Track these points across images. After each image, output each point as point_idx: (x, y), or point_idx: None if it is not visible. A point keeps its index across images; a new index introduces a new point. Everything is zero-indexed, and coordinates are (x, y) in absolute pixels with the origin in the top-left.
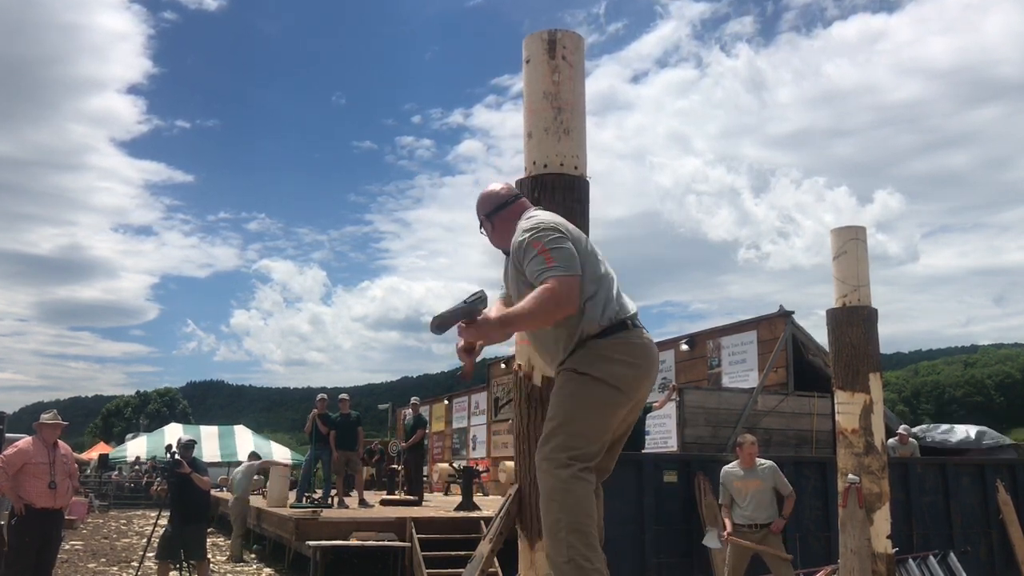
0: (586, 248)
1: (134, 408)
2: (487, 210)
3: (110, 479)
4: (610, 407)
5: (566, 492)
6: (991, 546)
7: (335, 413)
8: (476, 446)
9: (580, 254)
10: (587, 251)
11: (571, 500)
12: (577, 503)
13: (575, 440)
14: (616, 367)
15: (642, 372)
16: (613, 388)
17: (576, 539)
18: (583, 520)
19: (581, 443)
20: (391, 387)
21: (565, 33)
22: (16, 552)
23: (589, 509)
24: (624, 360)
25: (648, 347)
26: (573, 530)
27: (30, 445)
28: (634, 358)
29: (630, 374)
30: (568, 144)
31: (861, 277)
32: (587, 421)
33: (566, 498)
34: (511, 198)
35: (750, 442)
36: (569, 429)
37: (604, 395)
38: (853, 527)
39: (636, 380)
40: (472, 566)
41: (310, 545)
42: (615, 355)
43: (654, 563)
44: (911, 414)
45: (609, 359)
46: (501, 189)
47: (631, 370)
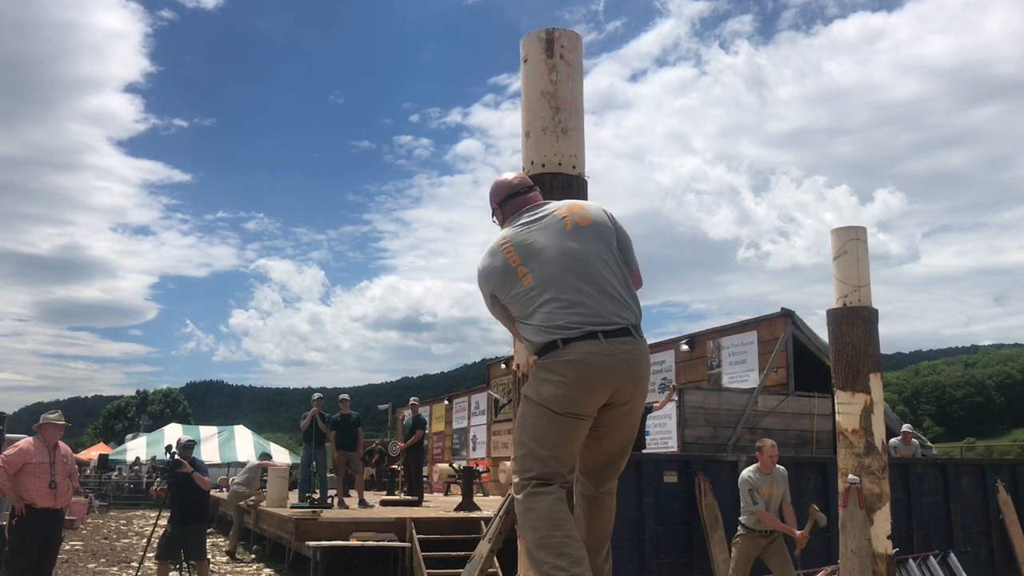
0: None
1: (135, 408)
2: (498, 199)
3: (110, 479)
4: (551, 427)
5: (527, 512)
6: (991, 546)
7: (334, 413)
8: (476, 446)
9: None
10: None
11: (532, 518)
12: (538, 519)
13: (525, 462)
14: (543, 387)
15: (574, 387)
16: (542, 407)
17: (544, 554)
18: (548, 532)
19: (531, 464)
20: (391, 387)
21: (563, 32)
22: (16, 552)
23: (553, 519)
24: (549, 379)
25: (580, 361)
26: (540, 546)
27: (31, 445)
28: (562, 375)
29: (558, 392)
30: (566, 144)
31: (861, 277)
32: (533, 443)
33: (527, 518)
34: (522, 189)
35: (770, 446)
36: (519, 452)
37: (538, 415)
38: (853, 527)
39: (567, 396)
40: (472, 566)
41: (310, 545)
42: (544, 375)
43: (654, 563)
44: (911, 414)
45: (540, 379)
46: (513, 180)
47: (558, 388)
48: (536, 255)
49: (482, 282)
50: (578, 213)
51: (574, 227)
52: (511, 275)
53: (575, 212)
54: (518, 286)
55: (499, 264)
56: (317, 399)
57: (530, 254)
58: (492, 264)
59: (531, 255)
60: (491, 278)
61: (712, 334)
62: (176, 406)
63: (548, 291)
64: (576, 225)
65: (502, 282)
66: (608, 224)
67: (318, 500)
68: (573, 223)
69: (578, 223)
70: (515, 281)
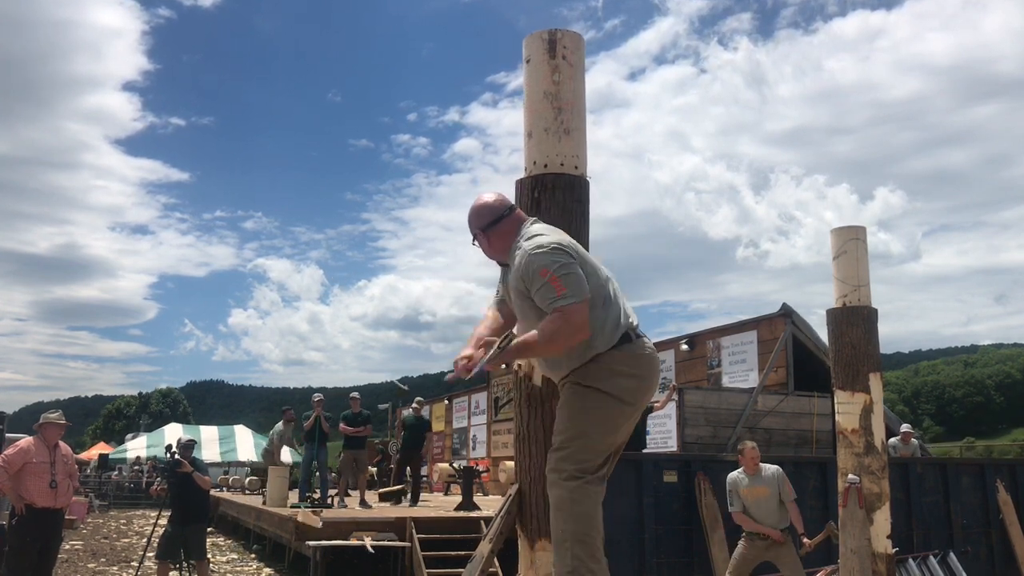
0: (590, 261)
1: (135, 408)
2: (482, 224)
3: (110, 479)
4: (617, 419)
5: (573, 503)
6: (991, 546)
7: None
8: (476, 446)
9: (585, 273)
10: (590, 265)
11: (577, 511)
12: (583, 514)
13: (583, 453)
14: (622, 380)
15: (646, 383)
16: (619, 400)
17: (580, 550)
18: (588, 531)
19: (589, 455)
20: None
21: (565, 33)
22: (17, 552)
23: (595, 521)
24: (629, 372)
25: (651, 358)
26: (577, 541)
27: (31, 445)
28: (639, 369)
29: (634, 385)
30: (568, 144)
31: (861, 277)
32: (596, 434)
33: (573, 509)
34: (505, 210)
35: (751, 448)
36: (579, 443)
37: (611, 408)
38: (853, 527)
39: (640, 391)
40: (472, 566)
41: (310, 545)
42: (621, 368)
43: (654, 563)
44: (911, 414)
45: (616, 372)
46: (494, 202)
47: (635, 382)
48: (581, 253)
49: (564, 252)
50: None
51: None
52: (580, 251)
53: None
54: (590, 271)
55: (572, 243)
56: (318, 400)
57: (579, 252)
58: (565, 240)
59: (581, 253)
60: (574, 246)
61: (712, 334)
62: (176, 406)
63: (610, 287)
64: None
65: (581, 253)
66: None
67: (318, 500)
68: None
69: None
70: (585, 254)
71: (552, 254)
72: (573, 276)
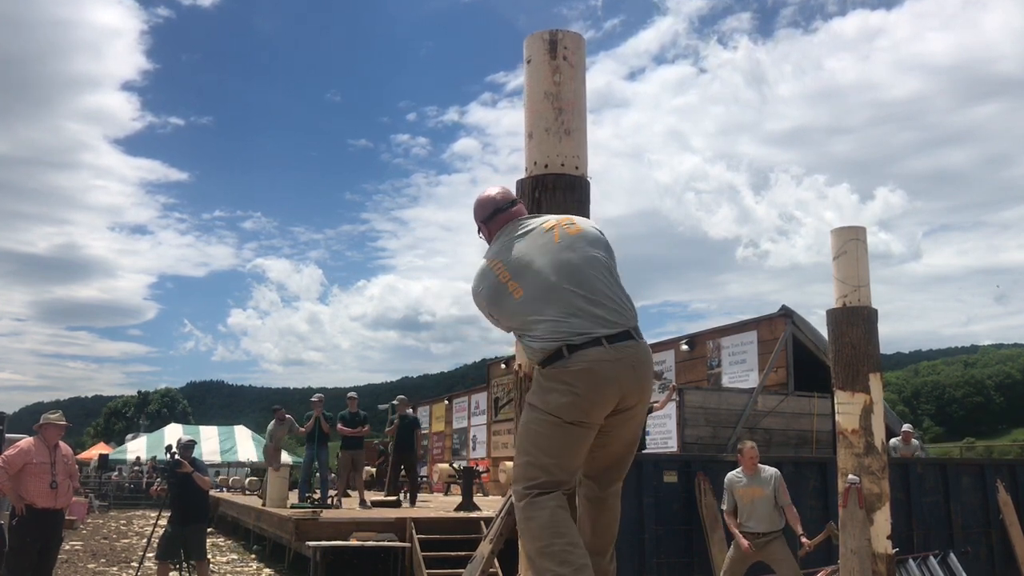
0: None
1: (135, 407)
2: (483, 216)
3: (110, 479)
4: (557, 435)
5: (528, 521)
6: (991, 546)
7: (341, 411)
8: (476, 446)
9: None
10: (513, 286)
11: (534, 527)
12: (539, 528)
13: (528, 471)
14: (551, 396)
15: (584, 397)
16: (551, 416)
17: (546, 562)
18: (549, 540)
19: (535, 472)
20: (391, 387)
21: (566, 33)
22: (17, 552)
23: (555, 527)
24: (558, 388)
25: (587, 371)
26: (542, 555)
27: (31, 445)
28: (571, 384)
29: (566, 401)
30: (569, 144)
31: (861, 277)
32: (537, 451)
33: (529, 527)
34: (506, 204)
35: (750, 447)
36: (521, 460)
37: (545, 424)
38: (853, 527)
39: (576, 406)
40: (473, 566)
41: (310, 545)
42: (552, 384)
43: (654, 563)
44: (911, 414)
45: (547, 388)
46: (496, 195)
47: (567, 397)
48: (526, 268)
49: (477, 303)
50: (566, 224)
51: (563, 237)
52: (502, 291)
53: (563, 223)
54: (509, 301)
55: (490, 282)
56: (317, 400)
57: (520, 268)
58: (482, 284)
59: (521, 269)
60: (482, 297)
61: (712, 334)
62: (176, 406)
63: (544, 302)
64: (564, 235)
65: (495, 300)
66: (598, 235)
67: (318, 500)
68: (562, 233)
69: (567, 233)
70: (506, 296)
71: (475, 279)
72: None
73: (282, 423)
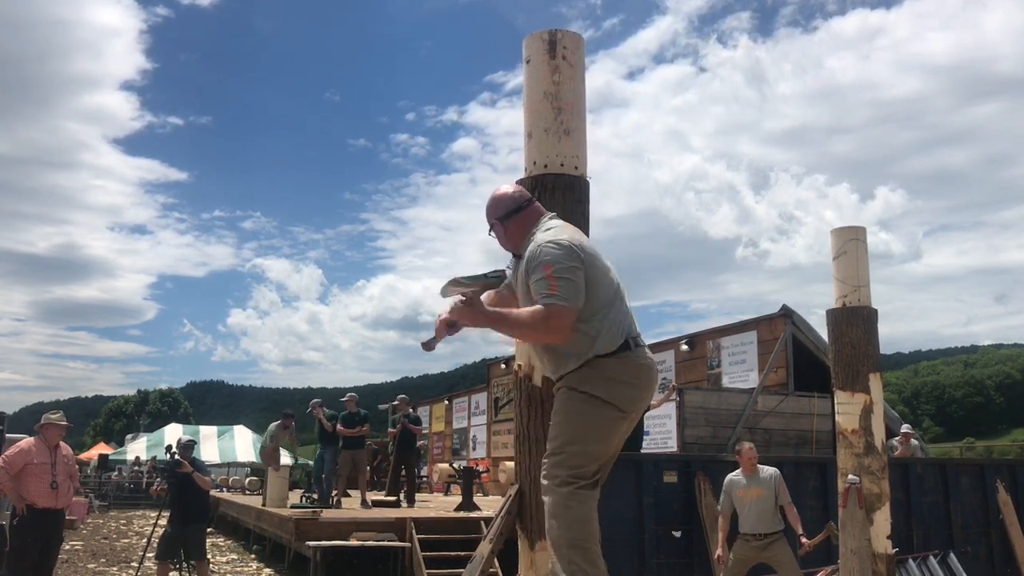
0: (602, 265)
1: (135, 407)
2: (499, 214)
3: (110, 479)
4: (612, 427)
5: (566, 509)
6: (991, 546)
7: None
8: (476, 446)
9: (593, 278)
10: (602, 268)
11: (571, 517)
12: (576, 520)
13: (577, 459)
14: (619, 388)
15: (643, 393)
16: (615, 408)
17: (576, 555)
18: (583, 536)
19: (583, 462)
20: (391, 387)
21: (566, 33)
22: (18, 552)
23: (590, 525)
24: (627, 381)
25: (650, 368)
26: (573, 546)
27: (32, 445)
28: (637, 379)
29: (632, 395)
30: (568, 144)
31: (861, 277)
32: (590, 441)
33: (566, 515)
34: (524, 202)
35: (748, 448)
36: (572, 449)
37: (607, 415)
38: (853, 527)
39: (636, 400)
40: (473, 566)
41: (310, 545)
42: (620, 376)
43: (654, 563)
44: (911, 414)
45: (614, 379)
46: (515, 193)
47: (633, 391)
48: (595, 259)
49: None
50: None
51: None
52: (596, 255)
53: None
54: (600, 275)
55: (587, 246)
56: (316, 404)
57: (591, 258)
58: (581, 242)
59: (591, 259)
60: (586, 248)
61: (712, 334)
62: (176, 406)
63: (617, 294)
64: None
65: (593, 257)
66: None
67: (318, 500)
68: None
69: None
70: (600, 258)
71: (562, 253)
72: (572, 283)
73: (286, 430)
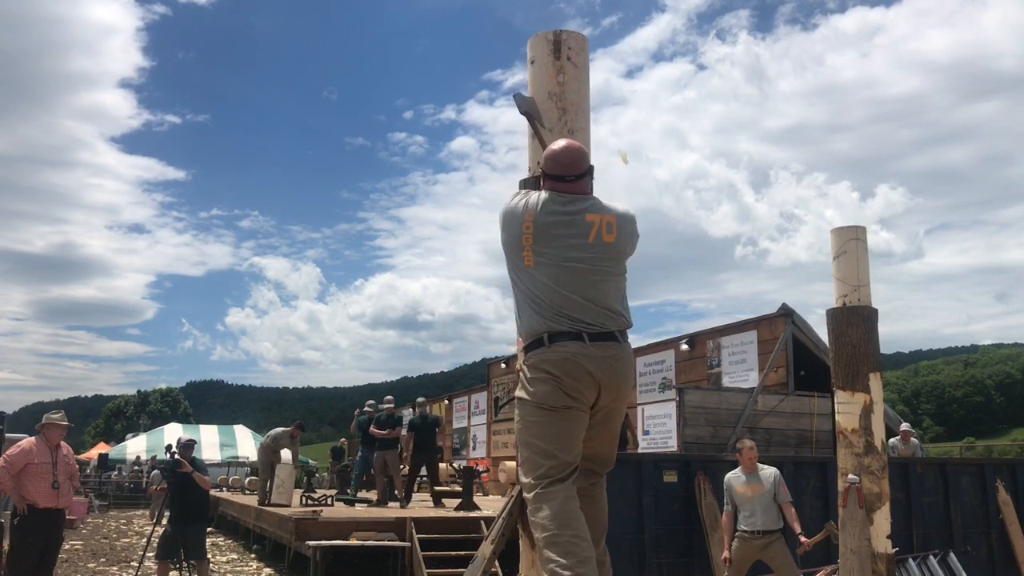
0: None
1: (135, 407)
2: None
3: (110, 479)
4: (551, 423)
5: (537, 512)
6: (991, 546)
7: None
8: (476, 446)
9: (530, 256)
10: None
11: (542, 517)
12: (547, 518)
13: (533, 461)
14: (535, 386)
15: (563, 382)
16: (537, 406)
17: (551, 551)
18: (557, 531)
19: (540, 461)
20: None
21: (570, 34)
22: (18, 552)
23: (563, 518)
24: (538, 377)
25: (566, 360)
26: (548, 544)
27: (33, 445)
28: (549, 372)
29: (549, 388)
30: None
31: (861, 277)
32: (537, 441)
33: (537, 517)
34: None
35: (749, 447)
36: (524, 453)
37: (535, 413)
38: (853, 527)
39: (559, 391)
40: (474, 567)
41: (310, 545)
42: (533, 375)
43: (654, 563)
44: (911, 414)
45: (530, 380)
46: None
47: (547, 384)
48: (547, 245)
49: (502, 220)
50: (607, 227)
51: (596, 241)
52: (516, 246)
53: (605, 224)
54: (517, 258)
55: (516, 226)
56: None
57: (544, 240)
58: (513, 216)
59: (545, 242)
60: (506, 226)
61: (712, 334)
62: (176, 406)
63: (544, 288)
64: (599, 240)
65: (509, 241)
66: (629, 245)
67: (319, 497)
68: (597, 237)
69: (602, 239)
70: (517, 252)
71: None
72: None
73: (293, 439)
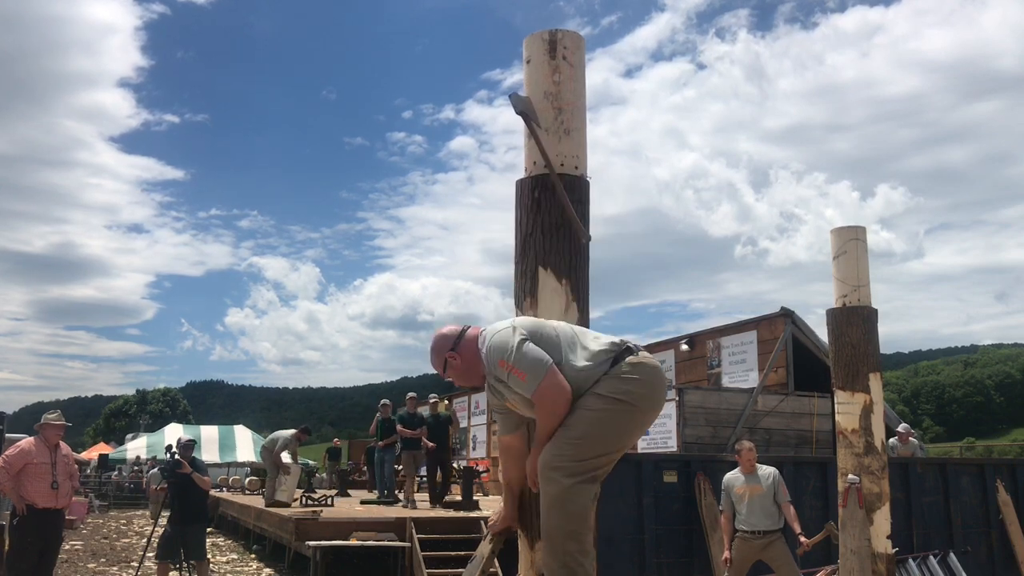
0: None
1: (135, 408)
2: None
3: (110, 479)
4: (623, 423)
5: (568, 501)
6: (991, 546)
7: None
8: (476, 446)
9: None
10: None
11: (572, 508)
12: (577, 512)
13: (586, 453)
14: (632, 386)
15: (649, 388)
16: (626, 404)
17: (572, 545)
18: (581, 528)
19: (602, 462)
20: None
21: (566, 33)
22: (18, 552)
23: (588, 518)
24: (635, 378)
25: (652, 366)
26: (570, 536)
27: (32, 445)
28: (643, 375)
29: (645, 391)
30: (569, 144)
31: (861, 277)
32: (605, 438)
33: (567, 506)
34: (463, 328)
35: (747, 448)
36: (584, 443)
37: (616, 411)
38: (853, 527)
39: (646, 397)
40: (473, 566)
41: (310, 545)
42: (629, 375)
43: (654, 563)
44: (911, 414)
45: (624, 380)
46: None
47: (644, 388)
48: (542, 326)
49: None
50: None
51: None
52: (538, 328)
53: None
54: (547, 329)
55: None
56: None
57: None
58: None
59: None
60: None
61: (712, 334)
62: (176, 406)
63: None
64: None
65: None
66: None
67: (318, 499)
68: None
69: None
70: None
71: (503, 342)
72: (528, 354)
73: (298, 443)
